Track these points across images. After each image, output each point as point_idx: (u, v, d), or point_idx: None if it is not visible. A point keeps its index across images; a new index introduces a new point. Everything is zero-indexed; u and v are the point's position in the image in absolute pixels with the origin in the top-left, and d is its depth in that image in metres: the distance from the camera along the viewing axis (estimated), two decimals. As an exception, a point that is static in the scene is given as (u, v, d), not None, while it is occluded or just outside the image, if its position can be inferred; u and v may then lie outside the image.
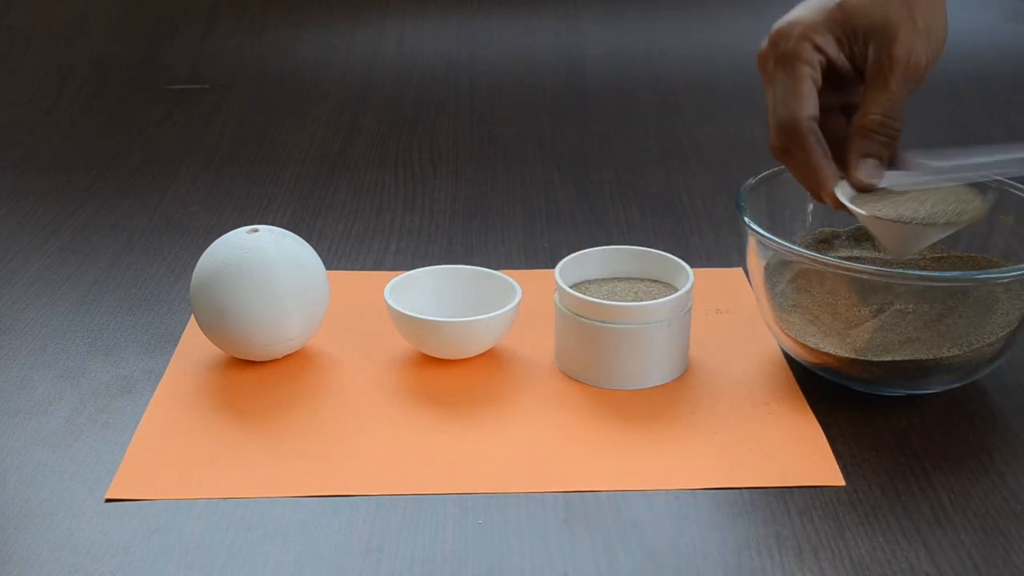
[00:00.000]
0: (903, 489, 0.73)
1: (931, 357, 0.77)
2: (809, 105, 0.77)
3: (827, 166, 0.77)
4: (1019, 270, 0.74)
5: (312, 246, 0.87)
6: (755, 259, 0.82)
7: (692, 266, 0.88)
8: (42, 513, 0.71)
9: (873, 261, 0.87)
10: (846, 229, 0.90)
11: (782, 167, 0.88)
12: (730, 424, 0.79)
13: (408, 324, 0.84)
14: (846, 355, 0.78)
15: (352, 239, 1.07)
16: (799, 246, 0.77)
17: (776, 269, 0.82)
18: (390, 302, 0.85)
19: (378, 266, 1.02)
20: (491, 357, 0.87)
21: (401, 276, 0.88)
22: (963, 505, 0.71)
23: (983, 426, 0.79)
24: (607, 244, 0.91)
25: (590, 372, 0.83)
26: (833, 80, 0.79)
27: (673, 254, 0.87)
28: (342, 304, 0.93)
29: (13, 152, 1.30)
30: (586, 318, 0.82)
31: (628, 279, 0.88)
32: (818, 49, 0.78)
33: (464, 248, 1.06)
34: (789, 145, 0.78)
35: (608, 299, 0.83)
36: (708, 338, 0.89)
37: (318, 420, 0.80)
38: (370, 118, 1.39)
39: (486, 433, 0.78)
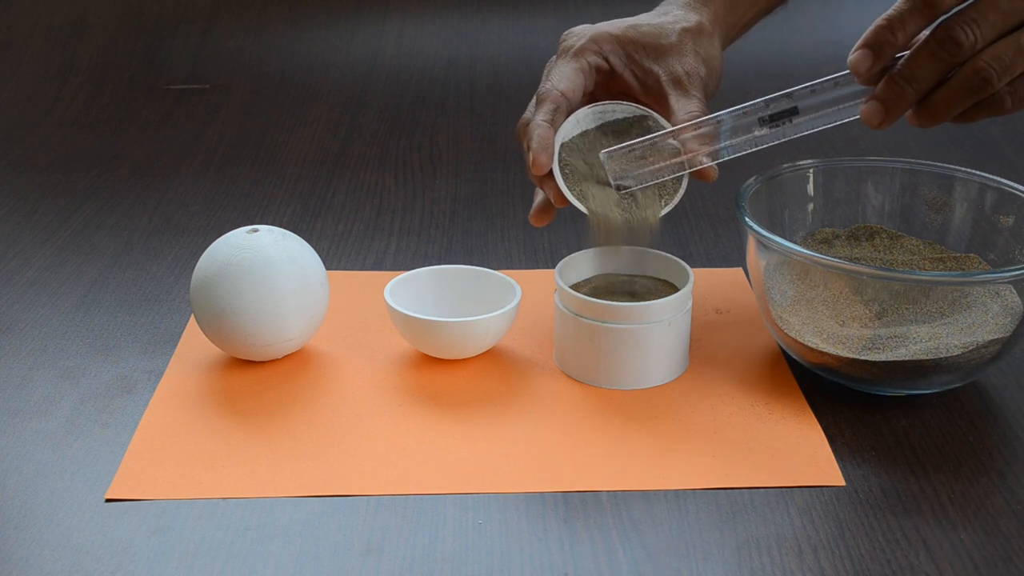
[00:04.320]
0: (903, 489, 0.73)
1: (931, 357, 0.77)
2: (572, 86, 0.84)
3: (546, 130, 0.82)
4: (1019, 270, 0.74)
5: (312, 246, 0.87)
6: (755, 259, 0.82)
7: (692, 266, 0.88)
8: (42, 513, 0.71)
9: (873, 261, 0.87)
10: (846, 229, 0.90)
11: (782, 167, 0.88)
12: (730, 424, 0.79)
13: (408, 324, 0.84)
14: (846, 355, 0.78)
15: (352, 239, 1.08)
16: (799, 246, 0.77)
17: (776, 269, 0.82)
18: (390, 302, 0.85)
19: (378, 266, 1.02)
20: (491, 357, 0.87)
21: (401, 276, 0.88)
22: (963, 505, 0.71)
23: (983, 426, 0.79)
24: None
25: (590, 372, 0.83)
26: (616, 93, 0.87)
27: (673, 254, 0.87)
28: (342, 304, 0.93)
29: (13, 152, 1.30)
30: (586, 318, 0.82)
31: (628, 278, 0.87)
32: (602, 56, 0.85)
33: (464, 248, 1.06)
34: (533, 114, 0.83)
35: (608, 299, 0.83)
36: (708, 338, 0.89)
37: (318, 420, 0.80)
38: (370, 118, 1.39)
39: (486, 433, 0.78)
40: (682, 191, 0.83)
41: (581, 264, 0.87)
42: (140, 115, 1.40)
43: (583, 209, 0.82)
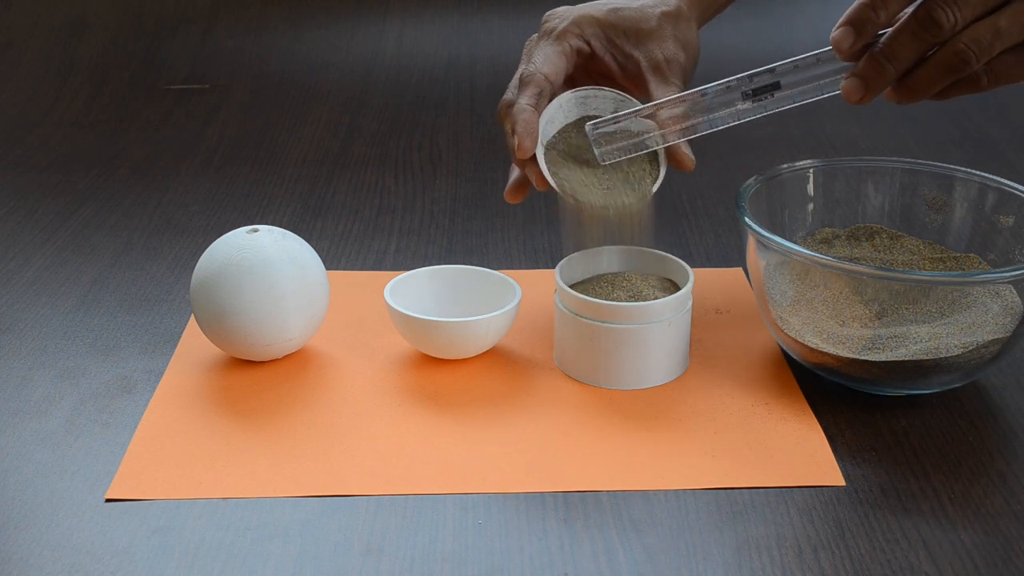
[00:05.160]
0: (903, 489, 0.73)
1: (931, 357, 0.77)
2: (556, 70, 0.84)
3: (531, 115, 0.82)
4: (1019, 270, 0.74)
5: (312, 246, 0.87)
6: (755, 259, 0.82)
7: (692, 266, 0.88)
8: (42, 513, 0.71)
9: (873, 261, 0.87)
10: (846, 229, 0.90)
11: (782, 167, 0.88)
12: (730, 424, 0.79)
13: (408, 324, 0.84)
14: (846, 355, 0.78)
15: (352, 239, 1.08)
16: (799, 246, 0.77)
17: (776, 269, 0.82)
18: (390, 302, 0.85)
19: (378, 266, 1.02)
20: (491, 357, 0.87)
21: (401, 276, 0.88)
22: (963, 505, 0.71)
23: (983, 426, 0.79)
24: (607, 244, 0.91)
25: (590, 372, 0.83)
26: (595, 75, 0.88)
27: (673, 254, 0.87)
28: (342, 304, 0.93)
29: (13, 152, 1.30)
30: (586, 318, 0.82)
31: (629, 276, 0.87)
32: (583, 39, 0.85)
33: (464, 248, 1.06)
34: (517, 96, 0.83)
35: (608, 299, 0.83)
36: (708, 338, 0.89)
37: (318, 420, 0.80)
38: (370, 118, 1.39)
39: (486, 433, 0.78)
40: (661, 175, 0.84)
41: (581, 264, 0.87)
42: (140, 115, 1.40)
43: (564, 195, 0.82)
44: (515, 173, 0.87)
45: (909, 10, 0.71)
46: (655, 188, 0.84)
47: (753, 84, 0.79)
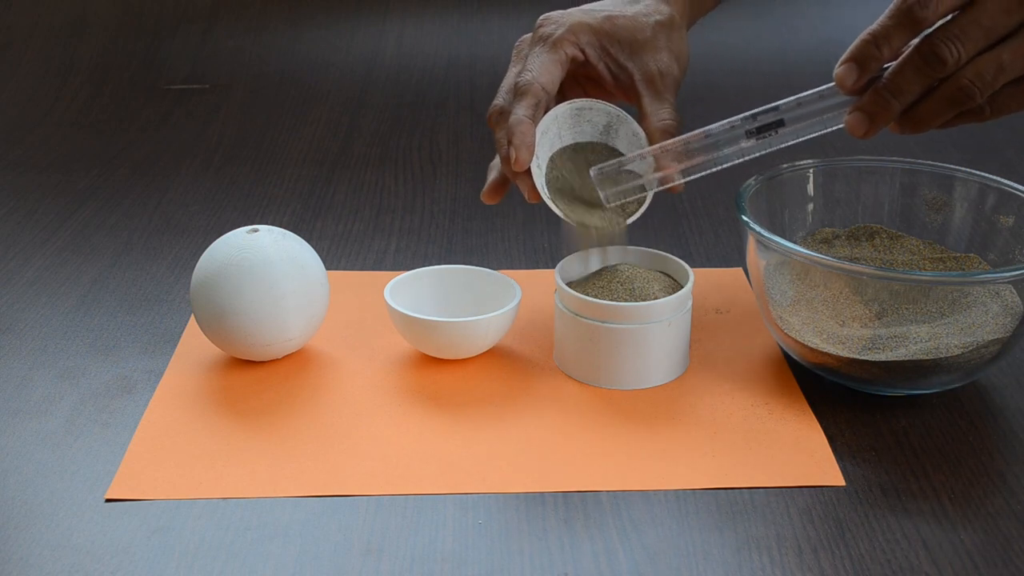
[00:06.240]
0: (903, 489, 0.73)
1: (931, 357, 0.77)
2: (552, 79, 0.84)
3: (528, 127, 0.81)
4: (1019, 270, 0.74)
5: (312, 246, 0.87)
6: (755, 259, 0.82)
7: (692, 266, 0.88)
8: (42, 513, 0.71)
9: (873, 261, 0.88)
10: (846, 229, 0.90)
11: (782, 167, 0.88)
12: (730, 424, 0.79)
13: (408, 324, 0.84)
14: (846, 355, 0.78)
15: (352, 239, 1.08)
16: (799, 246, 0.77)
17: (776, 269, 0.82)
18: (390, 302, 0.85)
19: (378, 266, 1.02)
20: (491, 357, 0.87)
21: (401, 276, 0.88)
22: (963, 505, 0.71)
23: (983, 426, 0.79)
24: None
25: (590, 372, 0.83)
26: (584, 81, 0.88)
27: (673, 254, 0.87)
28: (342, 304, 0.93)
29: (13, 152, 1.30)
30: (586, 318, 0.82)
31: (629, 273, 0.86)
32: (578, 47, 0.85)
33: (464, 248, 1.06)
34: (513, 105, 0.83)
35: (608, 299, 0.83)
36: (708, 338, 0.89)
37: (318, 420, 0.80)
38: (370, 118, 1.39)
39: (486, 433, 0.78)
40: (648, 198, 0.85)
41: (581, 264, 0.87)
42: (140, 115, 1.40)
43: (556, 210, 0.83)
44: (493, 173, 0.87)
45: (913, 45, 0.71)
46: (642, 210, 0.85)
47: (757, 123, 0.79)
